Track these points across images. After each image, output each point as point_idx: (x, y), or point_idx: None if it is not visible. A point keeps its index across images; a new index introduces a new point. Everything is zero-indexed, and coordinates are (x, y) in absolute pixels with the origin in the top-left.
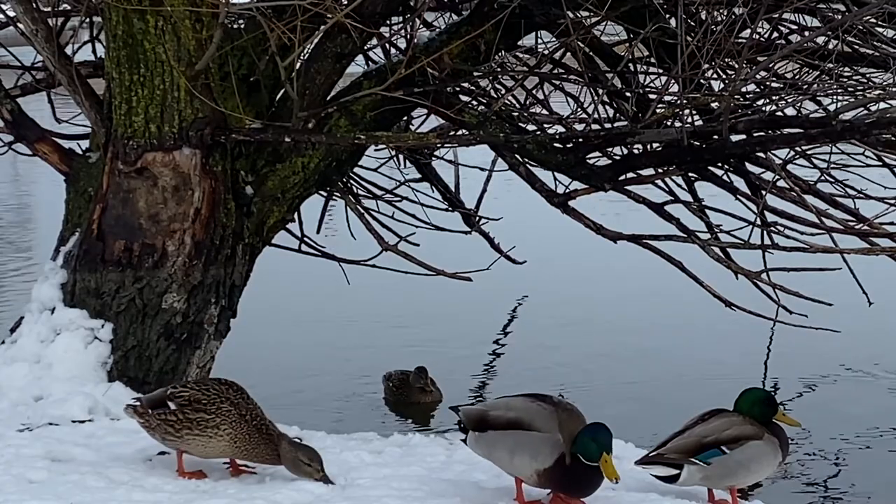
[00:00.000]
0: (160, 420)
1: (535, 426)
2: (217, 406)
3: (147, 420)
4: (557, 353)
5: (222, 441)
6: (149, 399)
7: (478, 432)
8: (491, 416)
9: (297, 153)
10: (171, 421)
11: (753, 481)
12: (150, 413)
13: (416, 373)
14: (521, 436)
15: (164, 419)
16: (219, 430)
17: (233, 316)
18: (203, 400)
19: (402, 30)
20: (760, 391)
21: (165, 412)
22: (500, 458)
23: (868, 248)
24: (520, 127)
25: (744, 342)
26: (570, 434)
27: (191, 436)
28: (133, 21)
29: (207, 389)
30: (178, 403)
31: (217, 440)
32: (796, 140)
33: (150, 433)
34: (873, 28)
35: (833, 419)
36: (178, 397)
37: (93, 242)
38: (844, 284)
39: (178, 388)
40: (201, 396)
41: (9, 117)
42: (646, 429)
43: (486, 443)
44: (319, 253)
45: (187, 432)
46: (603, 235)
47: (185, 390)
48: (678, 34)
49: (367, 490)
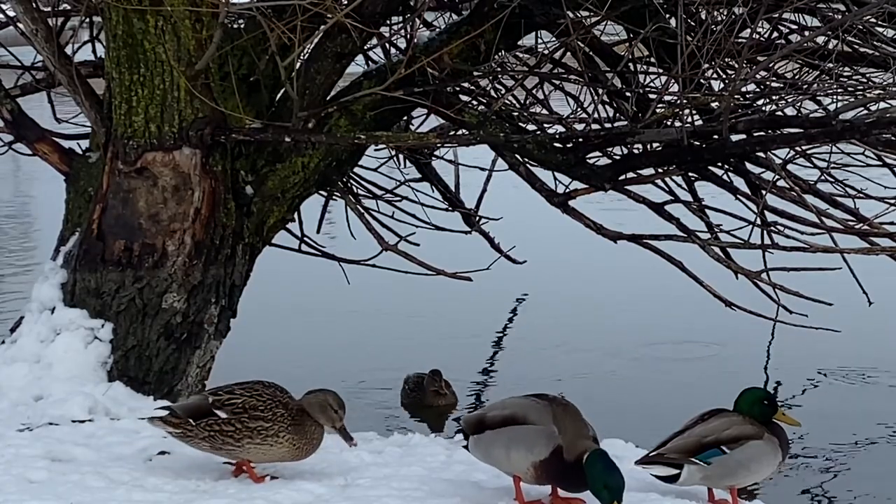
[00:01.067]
0: (211, 430)
1: (530, 420)
2: (273, 412)
3: (188, 430)
4: (557, 353)
5: (283, 447)
6: (184, 408)
7: (477, 435)
8: (487, 417)
9: (297, 153)
10: (229, 431)
11: (753, 481)
12: (192, 423)
13: (431, 375)
14: (516, 430)
15: (220, 430)
16: (278, 437)
17: (233, 316)
18: (260, 406)
19: (402, 30)
20: (760, 391)
21: (217, 422)
22: (498, 455)
23: (868, 248)
24: (520, 127)
25: (744, 342)
26: (566, 427)
27: (252, 444)
28: (133, 21)
29: (260, 395)
30: (232, 412)
31: (278, 447)
32: (796, 140)
33: (190, 442)
34: (873, 28)
35: (833, 419)
36: (228, 405)
37: (93, 242)
38: (844, 284)
39: (223, 395)
40: (257, 403)
41: (9, 117)
42: (646, 429)
43: (484, 443)
44: (319, 253)
45: (248, 441)
46: (603, 235)
47: (233, 396)
48: (678, 34)
49: (367, 490)
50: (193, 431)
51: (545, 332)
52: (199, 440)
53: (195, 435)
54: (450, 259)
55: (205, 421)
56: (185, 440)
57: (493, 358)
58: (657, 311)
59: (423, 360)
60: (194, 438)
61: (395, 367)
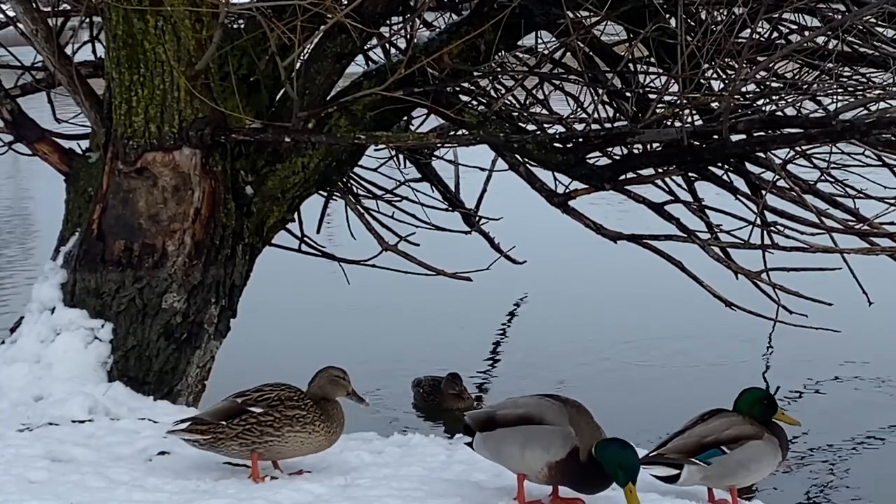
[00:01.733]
0: (247, 425)
1: (547, 420)
2: (304, 402)
3: (219, 433)
4: (557, 352)
5: (320, 435)
6: (212, 413)
7: (486, 432)
8: (499, 415)
9: (297, 153)
10: (268, 421)
11: (753, 481)
12: (223, 424)
13: (450, 379)
14: (533, 429)
15: (257, 422)
16: (314, 426)
17: (233, 316)
18: (294, 398)
19: (402, 30)
20: (759, 391)
21: (254, 415)
22: (510, 454)
23: (868, 248)
24: (520, 127)
25: (744, 342)
26: (581, 429)
27: (292, 432)
28: (133, 21)
29: (290, 388)
30: (267, 405)
31: (315, 435)
32: (796, 140)
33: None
34: (873, 28)
35: (833, 419)
36: (261, 400)
37: (93, 242)
38: (844, 284)
39: (252, 394)
40: (290, 394)
41: (9, 117)
42: (646, 429)
43: (495, 441)
44: (319, 253)
45: (288, 429)
46: (603, 235)
47: (264, 393)
48: (678, 34)
49: (367, 490)
50: (225, 432)
51: (545, 332)
52: (230, 441)
53: (227, 436)
54: (450, 259)
55: (238, 418)
56: (216, 444)
57: (493, 358)
58: (657, 312)
59: (423, 359)
60: (226, 440)
61: (395, 367)
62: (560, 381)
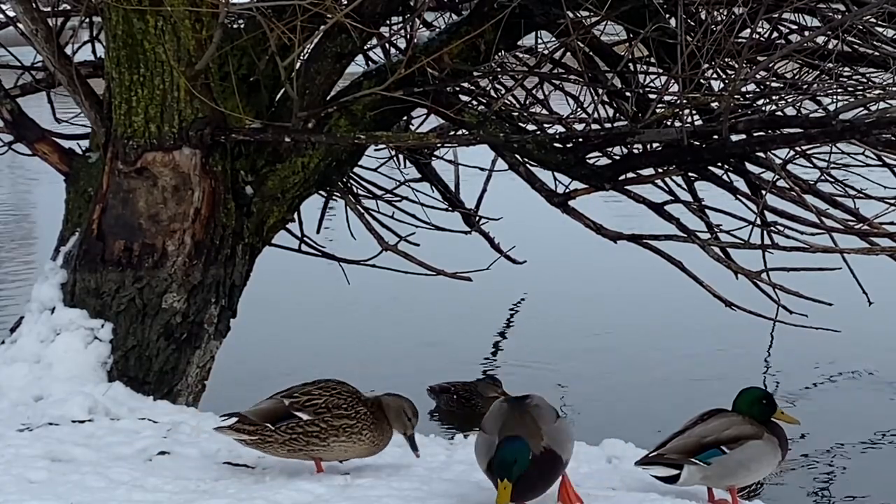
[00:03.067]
0: (293, 433)
1: (485, 428)
2: (355, 410)
3: (266, 436)
4: (557, 352)
5: (364, 445)
6: (258, 413)
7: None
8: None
9: (297, 153)
10: (314, 431)
11: (753, 481)
12: (271, 428)
13: (490, 382)
14: (477, 437)
15: (304, 431)
16: (361, 435)
17: (233, 316)
18: (343, 405)
19: (402, 30)
20: (758, 390)
21: (300, 423)
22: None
23: (868, 248)
24: (520, 127)
25: (744, 342)
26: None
27: (337, 442)
28: (133, 21)
29: (339, 393)
30: (315, 412)
31: (359, 444)
32: (796, 140)
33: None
34: (873, 28)
35: (833, 419)
36: (309, 405)
37: (93, 242)
38: (844, 284)
39: (300, 397)
40: (339, 401)
41: (9, 117)
42: (646, 429)
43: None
44: (319, 253)
45: (334, 439)
46: (603, 235)
47: (313, 397)
48: (678, 34)
49: (367, 490)
50: (273, 436)
51: (545, 332)
52: (277, 445)
53: (274, 440)
54: (450, 259)
55: (285, 424)
56: (261, 446)
57: (492, 358)
58: (657, 311)
59: (424, 359)
60: (273, 444)
61: (395, 367)
62: (560, 381)
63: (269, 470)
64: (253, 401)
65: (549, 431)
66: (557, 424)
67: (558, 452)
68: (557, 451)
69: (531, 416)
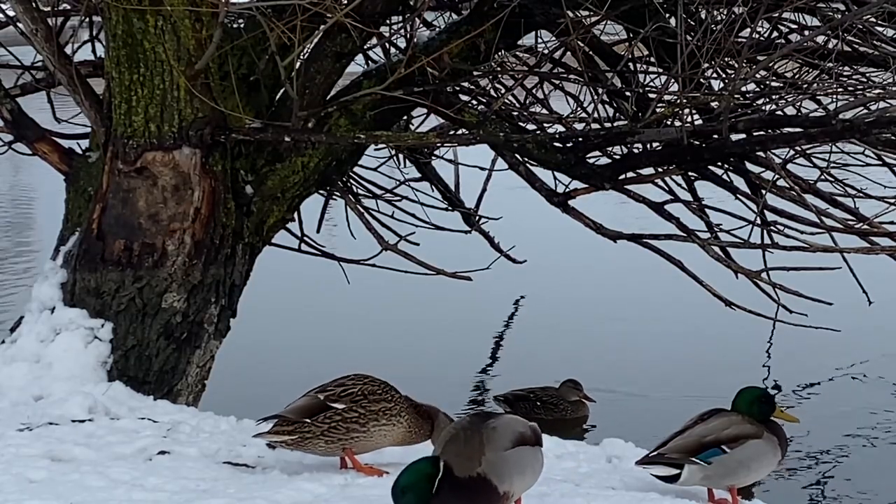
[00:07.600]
0: (332, 422)
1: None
2: (391, 395)
3: (305, 432)
4: (557, 352)
5: (402, 428)
6: (294, 411)
7: None
8: None
9: (297, 153)
10: (353, 418)
11: (753, 480)
12: (309, 422)
13: (571, 385)
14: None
15: (342, 418)
16: (399, 417)
17: (233, 315)
18: (378, 391)
19: (401, 29)
20: (757, 389)
21: (338, 412)
22: None
23: (868, 248)
24: (520, 126)
25: (744, 342)
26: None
27: (377, 426)
28: (133, 21)
29: (373, 381)
30: (351, 400)
31: (399, 427)
32: (796, 139)
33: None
34: (873, 27)
35: (833, 418)
36: (344, 396)
37: (93, 242)
38: (844, 284)
39: (334, 389)
40: (374, 388)
41: (9, 117)
42: (646, 429)
43: None
44: (319, 252)
45: (374, 424)
46: (603, 235)
47: (347, 388)
48: (678, 33)
49: (367, 490)
50: (311, 430)
51: (544, 331)
52: (316, 438)
53: (313, 434)
54: (450, 259)
55: (323, 415)
56: (302, 443)
57: (492, 358)
58: (657, 311)
59: (424, 359)
60: (312, 439)
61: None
62: (558, 380)
63: (269, 470)
64: (253, 401)
65: (492, 458)
66: (511, 453)
67: (494, 482)
68: (493, 481)
69: (480, 439)
